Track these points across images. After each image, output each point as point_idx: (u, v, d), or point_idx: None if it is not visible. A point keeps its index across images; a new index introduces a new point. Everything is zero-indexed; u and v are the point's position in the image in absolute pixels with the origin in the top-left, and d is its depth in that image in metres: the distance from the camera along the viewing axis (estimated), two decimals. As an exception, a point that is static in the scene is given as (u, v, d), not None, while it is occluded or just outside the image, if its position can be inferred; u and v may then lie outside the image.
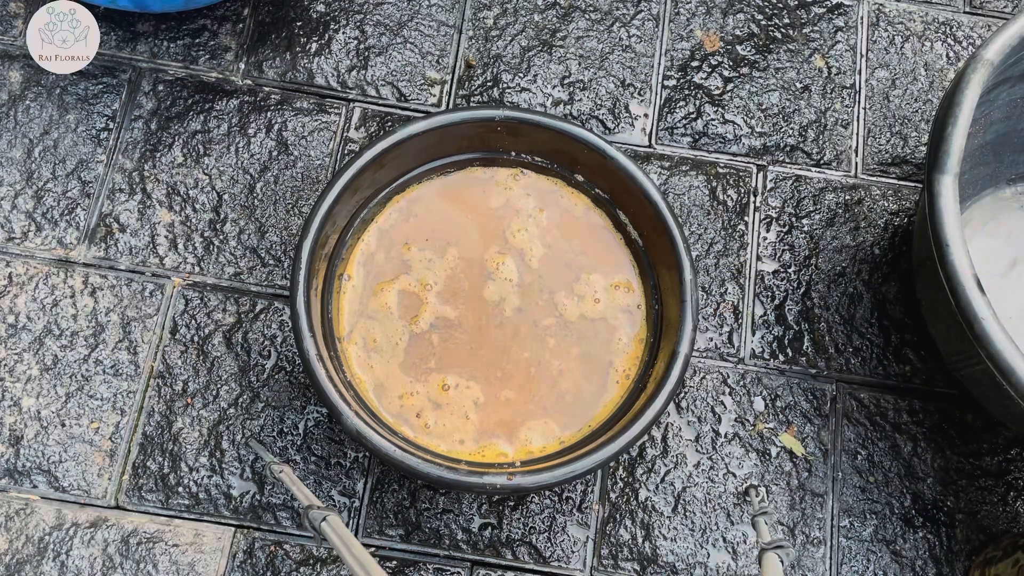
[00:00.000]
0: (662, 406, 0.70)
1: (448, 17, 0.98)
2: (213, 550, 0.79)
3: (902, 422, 0.86)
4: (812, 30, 1.00)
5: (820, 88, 0.97)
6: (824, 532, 0.83)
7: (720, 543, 0.82)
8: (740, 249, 0.91)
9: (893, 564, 0.82)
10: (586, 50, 0.98)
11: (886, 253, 0.92)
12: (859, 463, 0.85)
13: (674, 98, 0.96)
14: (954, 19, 1.01)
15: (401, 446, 0.68)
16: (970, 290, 0.67)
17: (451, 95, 0.95)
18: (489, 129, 0.80)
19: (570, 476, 0.68)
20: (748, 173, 0.94)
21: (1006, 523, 0.84)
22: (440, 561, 0.80)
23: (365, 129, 0.93)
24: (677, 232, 0.75)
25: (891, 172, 0.95)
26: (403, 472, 0.69)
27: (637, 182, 0.77)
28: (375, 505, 0.81)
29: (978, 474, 0.85)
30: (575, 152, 0.80)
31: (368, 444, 0.67)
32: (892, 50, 1.00)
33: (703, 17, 1.00)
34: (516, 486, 0.67)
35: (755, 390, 0.87)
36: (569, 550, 0.81)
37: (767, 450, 0.85)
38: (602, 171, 0.80)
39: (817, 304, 0.90)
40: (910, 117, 0.97)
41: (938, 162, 0.71)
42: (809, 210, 0.93)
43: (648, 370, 0.77)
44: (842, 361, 0.88)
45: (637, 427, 0.69)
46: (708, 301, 0.89)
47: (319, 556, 0.80)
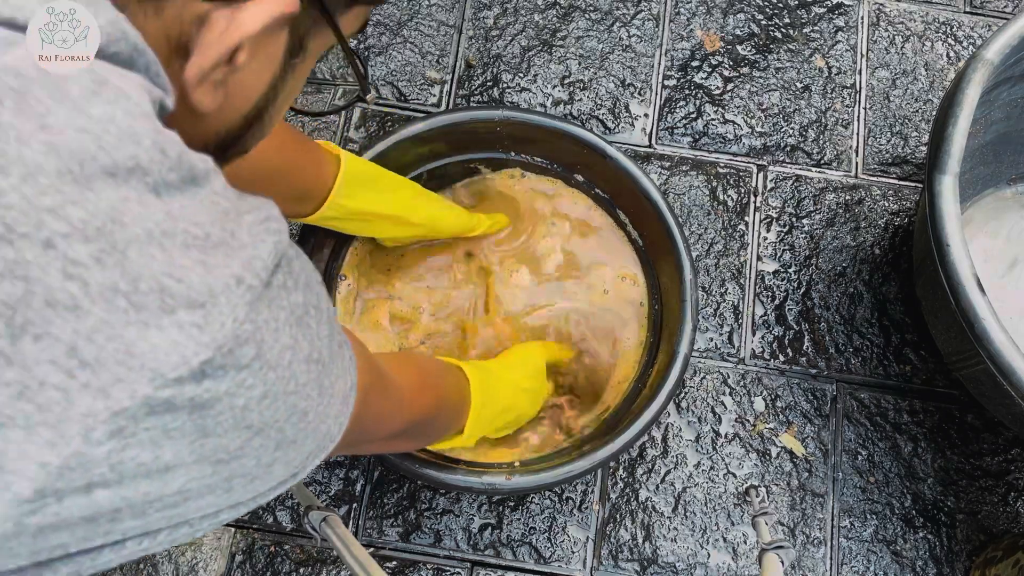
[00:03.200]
0: (661, 406, 0.70)
1: (448, 17, 0.98)
2: (213, 550, 0.79)
3: (902, 422, 0.86)
4: (812, 30, 1.00)
5: (820, 88, 0.97)
6: (824, 532, 0.83)
7: (720, 543, 0.82)
8: (740, 249, 0.91)
9: (894, 564, 0.82)
10: (586, 50, 0.98)
11: (886, 253, 0.92)
12: (859, 463, 0.85)
13: (674, 98, 0.96)
14: (954, 19, 1.01)
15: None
16: (970, 290, 0.67)
17: (451, 95, 0.95)
18: (488, 130, 0.80)
19: (569, 476, 0.68)
20: (748, 173, 0.94)
21: (1006, 523, 0.84)
22: (440, 561, 0.80)
23: (365, 129, 0.93)
24: (678, 232, 0.75)
25: (891, 172, 0.95)
26: (402, 473, 0.69)
27: (638, 182, 0.77)
28: (375, 505, 0.81)
29: (979, 474, 0.85)
30: (575, 152, 0.80)
31: None
32: (892, 50, 0.99)
33: (703, 17, 1.00)
34: (515, 486, 0.67)
35: (755, 390, 0.86)
36: (569, 550, 0.81)
37: (767, 450, 0.85)
38: (603, 171, 0.80)
39: (817, 304, 0.90)
40: (910, 117, 0.97)
41: (938, 162, 0.71)
42: (809, 210, 0.93)
43: (647, 370, 0.77)
44: (842, 361, 0.88)
45: (636, 427, 0.69)
46: (708, 301, 0.89)
47: (319, 556, 0.80)
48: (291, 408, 0.29)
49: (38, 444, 0.23)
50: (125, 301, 0.23)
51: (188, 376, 0.24)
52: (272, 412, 0.28)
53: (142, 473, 0.25)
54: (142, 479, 0.25)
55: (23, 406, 0.23)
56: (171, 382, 0.24)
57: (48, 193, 0.23)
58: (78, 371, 0.23)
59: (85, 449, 0.23)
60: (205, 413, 0.25)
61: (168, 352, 0.24)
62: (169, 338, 0.24)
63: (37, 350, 0.23)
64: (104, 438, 0.24)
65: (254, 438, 0.28)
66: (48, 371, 0.23)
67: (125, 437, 0.24)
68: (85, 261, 0.23)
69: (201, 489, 0.28)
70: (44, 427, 0.23)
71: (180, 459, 0.26)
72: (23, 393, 0.23)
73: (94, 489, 0.24)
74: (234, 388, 0.26)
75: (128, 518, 0.26)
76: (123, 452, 0.24)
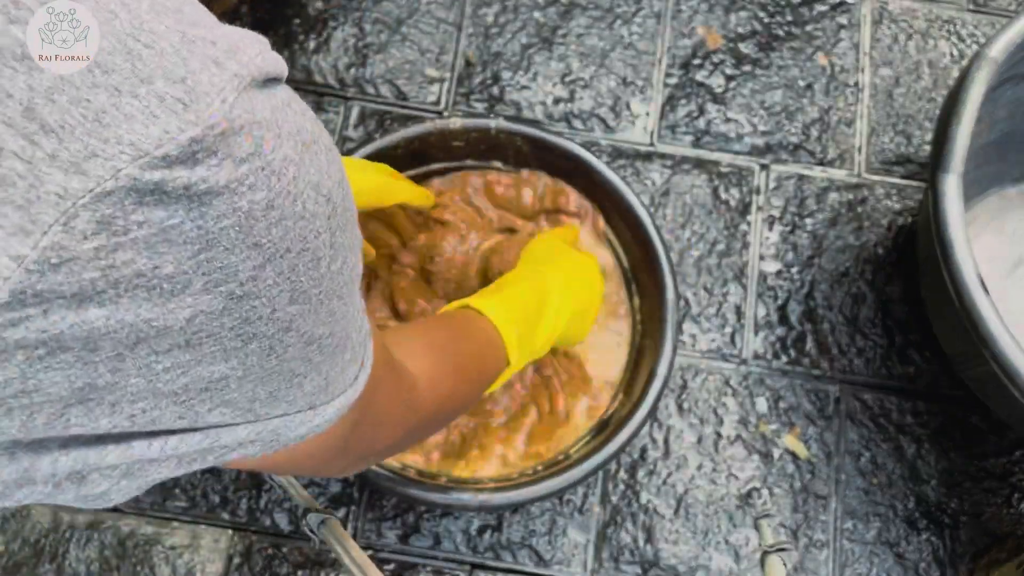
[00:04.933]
0: (637, 427, 0.69)
1: (447, 14, 0.97)
2: (211, 552, 0.79)
3: (906, 423, 0.86)
4: (815, 28, 0.99)
5: (823, 86, 0.97)
6: (827, 534, 0.82)
7: (722, 546, 0.82)
8: (743, 249, 0.90)
9: (897, 567, 0.82)
10: (587, 47, 0.97)
11: (890, 253, 0.91)
12: (863, 465, 0.84)
13: (676, 96, 0.96)
14: (958, 17, 1.00)
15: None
16: (974, 290, 0.67)
17: (451, 93, 0.95)
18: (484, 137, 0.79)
19: (541, 495, 0.68)
20: (751, 172, 0.93)
21: (1011, 525, 0.83)
22: (439, 564, 0.80)
23: (364, 128, 0.93)
24: (661, 248, 0.74)
25: (895, 171, 0.94)
26: (371, 487, 0.69)
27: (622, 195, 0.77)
28: (373, 507, 0.81)
29: (983, 476, 0.84)
30: (560, 163, 0.79)
31: None
32: (896, 48, 0.99)
33: (705, 14, 0.99)
34: (483, 503, 0.67)
35: (758, 391, 0.86)
36: (570, 553, 0.81)
37: (770, 452, 0.84)
38: (588, 183, 0.79)
39: (820, 304, 0.89)
40: (914, 115, 0.96)
41: (942, 161, 0.70)
42: (812, 209, 0.92)
43: (630, 387, 0.76)
44: (846, 362, 0.87)
45: (612, 447, 0.68)
46: (710, 301, 0.89)
47: (317, 559, 0.79)
48: (303, 245, 0.25)
49: (7, 230, 0.19)
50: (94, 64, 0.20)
51: (177, 156, 0.21)
52: (282, 237, 0.24)
53: (141, 287, 0.21)
54: (142, 298, 0.21)
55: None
56: (158, 161, 0.20)
57: None
58: (39, 137, 0.19)
59: (67, 242, 0.20)
60: (204, 211, 0.22)
61: (147, 124, 0.20)
62: (147, 109, 0.20)
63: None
64: (89, 229, 0.20)
65: (266, 269, 0.24)
66: (3, 133, 0.19)
67: (115, 232, 0.20)
68: (29, 3, 0.20)
69: (215, 351, 0.24)
70: (10, 207, 0.19)
71: (184, 275, 0.22)
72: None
73: (86, 303, 0.21)
74: (234, 183, 0.22)
75: (133, 373, 0.23)
76: (115, 253, 0.21)
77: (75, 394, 0.22)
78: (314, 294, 0.27)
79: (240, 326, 0.24)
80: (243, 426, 0.28)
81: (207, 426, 0.27)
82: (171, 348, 0.23)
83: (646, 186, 0.92)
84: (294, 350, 0.27)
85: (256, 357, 0.26)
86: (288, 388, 0.28)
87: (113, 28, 0.21)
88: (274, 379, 0.27)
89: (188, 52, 0.21)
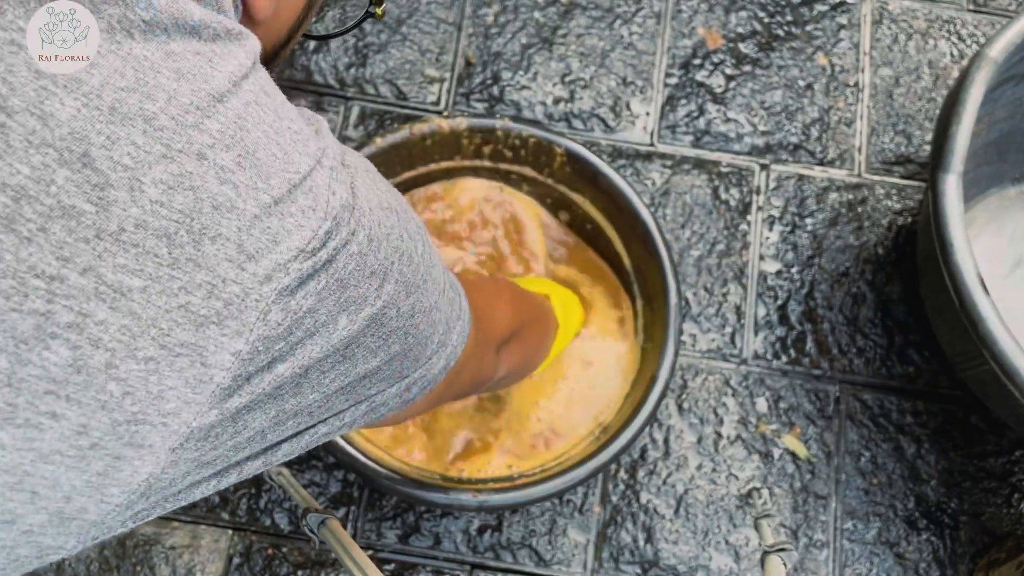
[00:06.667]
0: (638, 430, 0.69)
1: (448, 14, 0.97)
2: (210, 552, 0.79)
3: (906, 423, 0.86)
4: (815, 28, 0.99)
5: (823, 86, 0.97)
6: (827, 534, 0.82)
7: (722, 546, 0.82)
8: (743, 249, 0.90)
9: (897, 567, 0.82)
10: (587, 47, 0.97)
11: (890, 253, 0.91)
12: (863, 465, 0.84)
13: (676, 96, 0.96)
14: (958, 17, 1.00)
15: (374, 457, 0.68)
16: (974, 290, 0.67)
17: (451, 93, 0.95)
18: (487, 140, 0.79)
19: (541, 496, 0.67)
20: (751, 172, 0.93)
21: (1010, 525, 0.83)
22: (439, 564, 0.80)
23: (364, 127, 0.93)
24: (665, 253, 0.74)
25: (895, 171, 0.94)
26: (368, 484, 0.69)
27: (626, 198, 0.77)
28: (373, 507, 0.81)
29: (982, 476, 0.84)
30: (560, 163, 0.79)
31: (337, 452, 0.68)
32: (896, 48, 0.99)
33: (705, 14, 0.99)
34: (483, 503, 0.67)
35: (758, 391, 0.86)
36: (570, 553, 0.81)
37: (770, 452, 0.84)
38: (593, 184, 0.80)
39: (820, 304, 0.89)
40: (914, 115, 0.96)
41: (942, 161, 0.70)
42: (812, 209, 0.92)
43: (630, 391, 0.76)
44: (846, 362, 0.87)
45: (612, 449, 0.68)
46: (710, 302, 0.88)
47: (317, 559, 0.79)
48: (398, 252, 0.33)
49: (229, 336, 0.27)
50: (267, 197, 0.27)
51: (318, 244, 0.28)
52: (385, 256, 0.32)
53: (308, 337, 0.29)
54: (309, 344, 0.29)
55: (214, 304, 0.26)
56: (308, 254, 0.28)
57: (189, 112, 0.26)
58: (247, 264, 0.27)
59: (266, 332, 0.27)
60: (334, 267, 0.29)
61: (300, 231, 0.28)
62: (297, 221, 0.28)
63: (215, 250, 0.26)
64: (277, 318, 0.28)
65: (385, 286, 0.32)
66: (227, 268, 0.26)
67: (292, 312, 0.28)
68: (231, 166, 0.26)
69: (366, 354, 0.32)
70: (231, 320, 0.27)
71: (333, 317, 0.30)
72: (212, 292, 0.26)
73: (275, 364, 0.28)
74: (346, 236, 0.30)
75: (308, 392, 0.31)
76: (294, 325, 0.28)
77: (269, 421, 0.30)
78: (419, 280, 0.35)
79: (379, 331, 0.33)
80: (394, 386, 0.36)
81: (366, 399, 0.35)
82: (334, 365, 0.31)
83: (646, 186, 0.92)
84: (421, 324, 0.36)
85: (397, 345, 0.34)
86: (423, 348, 0.37)
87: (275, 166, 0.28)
88: (413, 350, 0.36)
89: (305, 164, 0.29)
